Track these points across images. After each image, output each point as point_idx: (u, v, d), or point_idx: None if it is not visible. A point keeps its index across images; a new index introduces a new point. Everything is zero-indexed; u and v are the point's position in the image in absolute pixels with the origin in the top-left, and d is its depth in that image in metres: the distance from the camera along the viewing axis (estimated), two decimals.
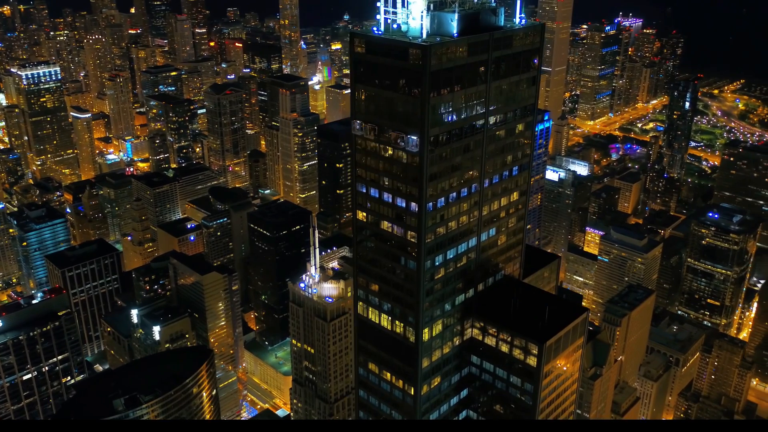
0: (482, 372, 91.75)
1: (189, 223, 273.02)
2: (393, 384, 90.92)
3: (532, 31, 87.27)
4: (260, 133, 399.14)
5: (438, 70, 77.57)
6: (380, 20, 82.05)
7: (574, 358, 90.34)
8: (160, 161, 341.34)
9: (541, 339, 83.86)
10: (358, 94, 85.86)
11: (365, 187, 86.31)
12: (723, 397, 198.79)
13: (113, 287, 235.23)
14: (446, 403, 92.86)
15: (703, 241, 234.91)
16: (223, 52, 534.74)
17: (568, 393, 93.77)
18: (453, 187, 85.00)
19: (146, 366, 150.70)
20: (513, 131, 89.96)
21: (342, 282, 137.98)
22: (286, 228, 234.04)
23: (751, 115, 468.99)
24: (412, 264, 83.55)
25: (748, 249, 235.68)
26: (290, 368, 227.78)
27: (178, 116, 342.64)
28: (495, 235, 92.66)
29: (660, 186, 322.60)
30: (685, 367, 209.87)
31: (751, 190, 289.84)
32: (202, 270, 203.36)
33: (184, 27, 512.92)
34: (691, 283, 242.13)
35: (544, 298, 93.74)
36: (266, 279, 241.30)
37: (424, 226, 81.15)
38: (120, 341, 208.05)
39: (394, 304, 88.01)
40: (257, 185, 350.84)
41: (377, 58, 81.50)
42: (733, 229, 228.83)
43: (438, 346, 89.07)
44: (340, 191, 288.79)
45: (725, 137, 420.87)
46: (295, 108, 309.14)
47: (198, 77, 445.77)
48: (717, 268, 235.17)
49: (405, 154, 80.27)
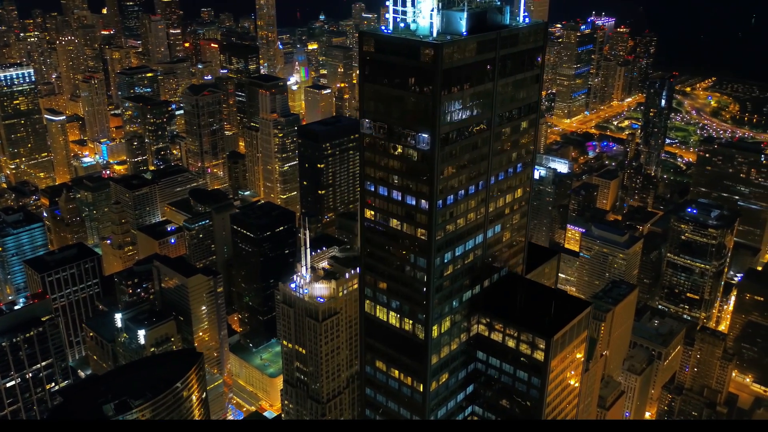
0: (488, 367, 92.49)
1: (169, 225, 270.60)
2: (401, 381, 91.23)
3: (536, 30, 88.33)
4: (238, 134, 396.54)
5: (449, 68, 78.08)
6: (389, 19, 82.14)
7: (579, 351, 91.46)
8: (138, 163, 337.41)
9: (548, 333, 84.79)
10: (367, 93, 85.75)
11: (374, 185, 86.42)
12: (705, 389, 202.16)
13: (94, 292, 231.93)
14: (453, 399, 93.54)
15: (682, 236, 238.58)
16: (198, 53, 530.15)
17: (572, 386, 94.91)
18: (461, 184, 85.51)
19: (135, 370, 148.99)
20: (518, 129, 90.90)
21: (333, 282, 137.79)
22: (270, 229, 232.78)
23: (723, 112, 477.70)
24: (422, 261, 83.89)
25: (726, 243, 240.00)
26: (276, 370, 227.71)
27: (156, 118, 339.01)
28: (500, 231, 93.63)
29: (637, 183, 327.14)
30: (667, 360, 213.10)
31: (726, 186, 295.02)
32: (186, 273, 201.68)
33: (158, 28, 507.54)
34: (671, 277, 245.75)
35: (548, 293, 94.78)
36: (250, 281, 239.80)
37: (435, 224, 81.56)
38: (103, 346, 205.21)
39: (402, 301, 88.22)
40: (236, 187, 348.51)
41: (387, 57, 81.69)
42: (712, 224, 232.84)
43: (446, 343, 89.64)
44: (322, 192, 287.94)
45: (699, 134, 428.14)
46: (275, 108, 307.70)
47: (174, 78, 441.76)
48: (696, 262, 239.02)
49: (415, 152, 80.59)
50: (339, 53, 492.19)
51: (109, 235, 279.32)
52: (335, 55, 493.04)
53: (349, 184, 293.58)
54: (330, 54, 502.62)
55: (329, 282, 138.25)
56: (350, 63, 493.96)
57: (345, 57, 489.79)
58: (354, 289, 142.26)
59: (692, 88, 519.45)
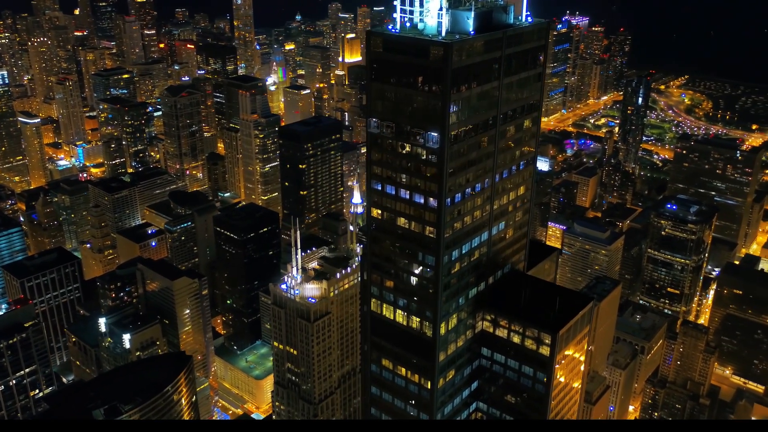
0: (493, 363, 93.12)
1: (149, 228, 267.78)
2: (408, 379, 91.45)
3: (539, 29, 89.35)
4: (217, 135, 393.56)
5: (458, 67, 78.57)
6: (396, 18, 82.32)
7: (582, 346, 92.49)
8: (116, 166, 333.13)
9: (554, 329, 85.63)
10: (375, 93, 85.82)
11: (381, 184, 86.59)
12: (688, 381, 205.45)
13: (75, 296, 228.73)
14: (459, 395, 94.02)
15: (662, 232, 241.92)
16: (174, 54, 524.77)
17: (576, 380, 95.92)
18: (468, 182, 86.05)
19: (123, 375, 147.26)
20: (521, 126, 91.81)
21: (324, 282, 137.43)
22: (254, 230, 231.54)
23: (697, 109, 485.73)
24: (431, 259, 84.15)
25: (705, 239, 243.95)
26: (262, 372, 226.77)
27: (134, 119, 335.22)
28: (504, 229, 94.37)
29: (616, 180, 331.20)
30: (650, 354, 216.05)
31: (702, 182, 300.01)
32: (171, 275, 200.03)
33: (132, 28, 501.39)
34: (652, 272, 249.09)
35: (550, 289, 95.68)
36: (234, 283, 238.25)
37: (444, 222, 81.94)
38: (87, 351, 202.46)
39: (410, 299, 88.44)
40: (216, 188, 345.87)
41: (395, 57, 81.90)
42: (691, 220, 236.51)
43: (453, 340, 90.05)
44: (304, 192, 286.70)
45: (674, 131, 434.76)
46: (256, 109, 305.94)
47: (150, 80, 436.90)
48: (676, 257, 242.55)
49: (424, 151, 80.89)
50: (316, 53, 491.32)
51: (88, 239, 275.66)
52: (313, 55, 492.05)
53: (330, 184, 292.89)
54: (307, 54, 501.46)
55: (320, 282, 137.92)
56: (328, 63, 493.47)
57: (323, 57, 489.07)
58: (345, 289, 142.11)
59: (666, 86, 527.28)
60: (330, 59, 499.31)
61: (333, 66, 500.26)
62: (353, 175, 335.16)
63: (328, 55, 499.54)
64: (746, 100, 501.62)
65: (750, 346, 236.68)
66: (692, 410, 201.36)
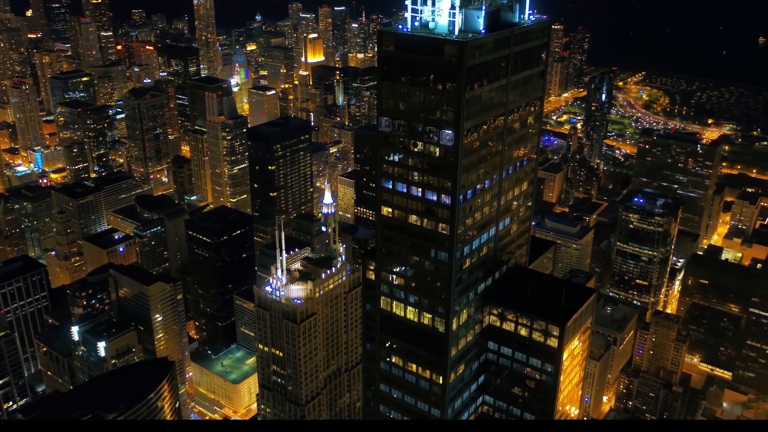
0: (499, 357, 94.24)
1: (116, 234, 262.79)
2: (419, 375, 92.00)
3: (542, 27, 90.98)
4: (180, 138, 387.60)
5: (471, 65, 79.51)
6: (407, 18, 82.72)
7: (585, 337, 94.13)
8: (79, 171, 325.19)
9: (562, 321, 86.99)
10: (386, 91, 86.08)
11: (392, 183, 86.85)
12: (661, 370, 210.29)
13: (42, 305, 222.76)
14: (467, 390, 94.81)
15: (630, 225, 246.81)
16: (132, 56, 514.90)
17: (579, 369, 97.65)
18: (479, 178, 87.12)
19: (105, 383, 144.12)
20: (525, 123, 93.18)
21: (309, 283, 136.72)
22: (227, 233, 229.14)
23: (655, 105, 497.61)
24: (443, 255, 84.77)
25: (671, 231, 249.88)
26: (239, 376, 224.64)
27: (96, 123, 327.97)
28: (509, 224, 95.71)
29: (581, 175, 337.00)
30: (622, 345, 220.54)
31: (665, 176, 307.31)
32: (146, 281, 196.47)
33: (89, 30, 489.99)
34: (621, 265, 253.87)
35: (553, 282, 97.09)
36: (207, 286, 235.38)
37: (458, 218, 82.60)
38: (58, 361, 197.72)
39: (421, 296, 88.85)
40: (182, 192, 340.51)
41: (408, 55, 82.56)
42: (658, 213, 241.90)
43: (463, 335, 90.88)
44: (273, 194, 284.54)
45: (633, 127, 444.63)
46: (223, 111, 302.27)
47: (109, 82, 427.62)
48: (644, 249, 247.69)
49: (437, 148, 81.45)
50: (279, 54, 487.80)
51: (53, 246, 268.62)
52: (275, 55, 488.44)
53: (300, 185, 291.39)
54: (270, 55, 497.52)
55: (305, 283, 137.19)
56: (291, 64, 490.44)
57: (285, 57, 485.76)
58: (330, 290, 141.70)
59: (624, 82, 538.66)
60: (293, 60, 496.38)
61: (296, 66, 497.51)
62: (322, 175, 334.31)
63: (291, 55, 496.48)
64: (701, 96, 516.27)
65: (716, 334, 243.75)
66: (666, 398, 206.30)
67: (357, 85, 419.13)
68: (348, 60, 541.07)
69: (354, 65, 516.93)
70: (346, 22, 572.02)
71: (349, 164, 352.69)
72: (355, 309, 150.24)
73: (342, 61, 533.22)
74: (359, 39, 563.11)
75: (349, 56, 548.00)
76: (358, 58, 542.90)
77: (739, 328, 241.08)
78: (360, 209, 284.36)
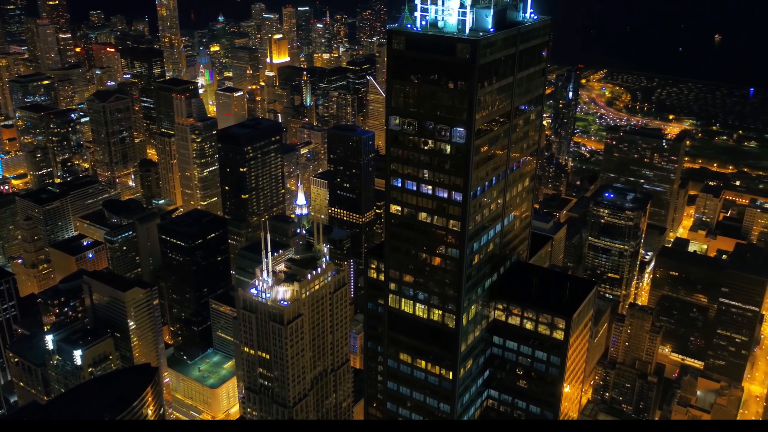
0: (505, 351, 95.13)
1: (84, 240, 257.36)
2: (428, 371, 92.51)
3: (544, 26, 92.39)
4: (145, 141, 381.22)
5: (483, 63, 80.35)
6: (417, 17, 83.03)
7: (587, 329, 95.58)
8: (43, 176, 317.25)
9: (568, 313, 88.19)
10: (395, 90, 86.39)
11: (401, 181, 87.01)
12: (636, 361, 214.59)
13: (11, 315, 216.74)
14: (474, 384, 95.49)
15: (601, 220, 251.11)
16: (92, 58, 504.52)
17: (581, 361, 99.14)
18: (488, 175, 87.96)
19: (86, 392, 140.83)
20: (528, 120, 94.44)
21: (296, 284, 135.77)
22: (202, 237, 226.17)
23: (617, 101, 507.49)
24: (454, 252, 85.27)
25: (641, 225, 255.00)
26: (217, 380, 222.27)
27: (59, 127, 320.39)
28: (513, 220, 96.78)
29: (550, 172, 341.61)
30: (597, 337, 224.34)
31: (632, 171, 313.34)
32: (122, 287, 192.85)
33: (46, 32, 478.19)
34: (593, 259, 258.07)
35: (555, 276, 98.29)
36: (182, 291, 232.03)
37: (469, 215, 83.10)
38: (31, 371, 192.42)
39: (431, 293, 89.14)
40: (150, 196, 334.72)
41: (419, 54, 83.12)
42: (628, 207, 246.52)
43: (471, 331, 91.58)
44: (245, 196, 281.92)
45: (597, 123, 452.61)
46: (192, 113, 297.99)
47: (70, 85, 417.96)
48: (615, 243, 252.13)
49: (449, 146, 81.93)
50: (244, 55, 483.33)
51: (19, 254, 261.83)
52: (240, 56, 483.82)
53: (272, 187, 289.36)
54: (235, 56, 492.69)
55: (291, 285, 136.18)
56: (256, 65, 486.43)
57: (251, 58, 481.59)
58: (316, 290, 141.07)
59: (587, 80, 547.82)
60: (258, 60, 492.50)
61: (261, 67, 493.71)
62: (293, 177, 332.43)
63: (256, 56, 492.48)
64: (661, 92, 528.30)
65: (686, 325, 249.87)
66: (641, 388, 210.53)
67: (324, 86, 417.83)
68: (313, 60, 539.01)
69: (320, 65, 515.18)
70: (311, 22, 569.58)
71: (320, 165, 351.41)
72: (341, 309, 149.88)
73: (307, 61, 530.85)
74: (324, 39, 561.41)
75: (315, 56, 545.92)
76: (323, 58, 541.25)
77: (708, 318, 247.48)
78: (334, 209, 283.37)
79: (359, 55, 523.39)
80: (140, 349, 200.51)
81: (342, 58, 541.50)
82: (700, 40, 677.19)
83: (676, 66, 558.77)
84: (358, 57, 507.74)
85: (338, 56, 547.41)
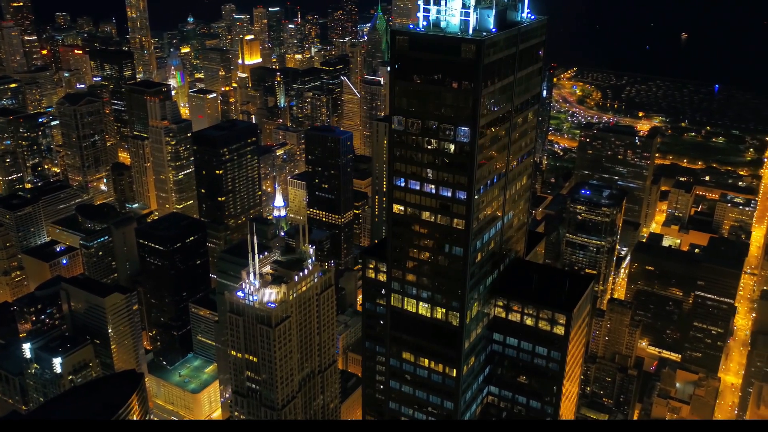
0: (505, 347, 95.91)
1: (57, 245, 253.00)
2: (431, 369, 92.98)
3: (541, 25, 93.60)
4: (117, 144, 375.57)
5: (487, 63, 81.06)
6: (420, 17, 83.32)
7: (585, 324, 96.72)
8: (12, 182, 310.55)
9: (568, 309, 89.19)
10: (399, 90, 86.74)
11: (404, 180, 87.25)
12: (616, 355, 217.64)
13: None
14: (476, 381, 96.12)
15: (578, 217, 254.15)
16: (59, 61, 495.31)
17: (579, 356, 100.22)
18: (489, 174, 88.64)
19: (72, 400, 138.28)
20: (526, 119, 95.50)
21: (283, 286, 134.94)
22: (180, 240, 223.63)
23: (588, 99, 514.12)
24: (458, 250, 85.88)
25: (617, 220, 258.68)
26: (198, 385, 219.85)
27: (29, 131, 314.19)
28: (512, 218, 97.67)
29: None
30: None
31: (606, 167, 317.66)
32: (101, 292, 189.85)
33: (11, 35, 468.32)
34: (571, 255, 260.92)
35: (553, 272, 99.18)
36: (161, 295, 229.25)
37: (473, 213, 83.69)
38: (8, 380, 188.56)
39: (434, 291, 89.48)
40: (123, 200, 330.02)
41: (423, 54, 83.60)
42: (604, 203, 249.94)
43: (473, 328, 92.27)
44: (222, 198, 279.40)
45: (569, 121, 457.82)
46: (166, 115, 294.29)
47: (37, 88, 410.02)
48: (592, 240, 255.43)
49: (453, 145, 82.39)
50: (215, 56, 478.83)
51: None
52: (212, 58, 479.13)
53: (249, 189, 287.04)
54: (206, 57, 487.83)
55: (278, 287, 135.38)
56: (228, 66, 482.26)
57: (222, 60, 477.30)
58: (303, 292, 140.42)
59: (558, 78, 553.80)
60: (230, 62, 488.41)
61: (233, 69, 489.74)
62: (268, 178, 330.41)
63: (228, 57, 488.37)
64: (631, 90, 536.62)
65: (662, 318, 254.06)
66: (622, 381, 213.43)
67: (298, 87, 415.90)
68: (286, 61, 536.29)
69: (292, 66, 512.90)
70: (282, 22, 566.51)
71: (297, 166, 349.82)
72: (328, 310, 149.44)
73: (279, 62, 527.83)
74: (296, 40, 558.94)
75: (287, 57, 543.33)
76: (296, 58, 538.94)
77: (683, 312, 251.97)
78: (313, 210, 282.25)
79: (332, 55, 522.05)
80: (120, 356, 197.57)
81: (314, 58, 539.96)
82: (667, 38, 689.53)
83: (645, 64, 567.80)
84: (330, 57, 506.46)
85: (310, 57, 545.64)
